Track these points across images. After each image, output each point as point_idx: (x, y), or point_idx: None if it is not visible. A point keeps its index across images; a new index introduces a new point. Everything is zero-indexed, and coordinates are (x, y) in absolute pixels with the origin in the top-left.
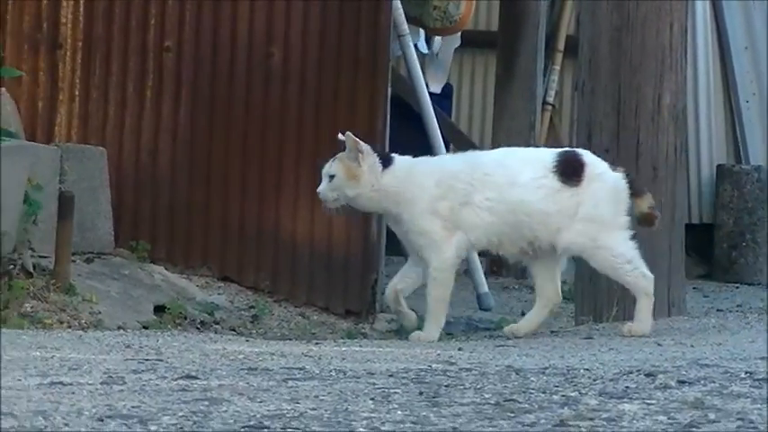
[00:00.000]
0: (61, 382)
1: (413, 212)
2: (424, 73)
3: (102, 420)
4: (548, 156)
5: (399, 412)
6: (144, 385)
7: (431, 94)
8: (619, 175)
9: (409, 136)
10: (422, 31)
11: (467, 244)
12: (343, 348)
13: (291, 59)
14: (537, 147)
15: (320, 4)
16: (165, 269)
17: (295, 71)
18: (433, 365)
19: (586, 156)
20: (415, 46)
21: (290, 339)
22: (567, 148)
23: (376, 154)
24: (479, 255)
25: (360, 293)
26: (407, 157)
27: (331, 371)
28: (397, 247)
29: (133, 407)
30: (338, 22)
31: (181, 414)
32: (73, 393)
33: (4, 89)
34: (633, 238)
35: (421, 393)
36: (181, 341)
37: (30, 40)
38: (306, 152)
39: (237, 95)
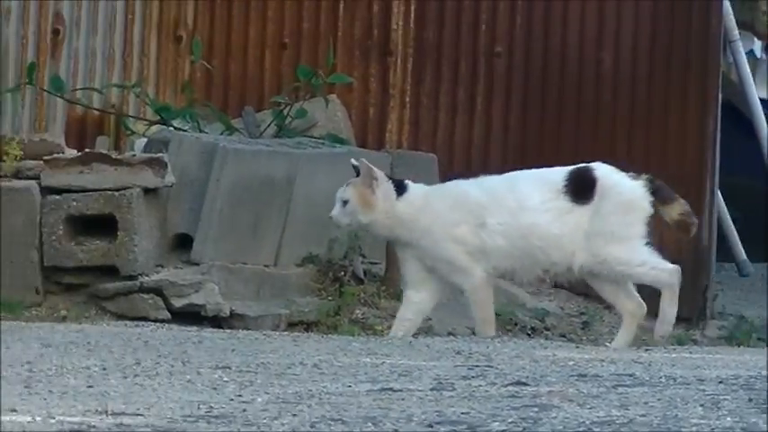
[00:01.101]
0: (391, 389)
1: (432, 240)
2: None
3: (431, 426)
4: (558, 176)
5: (729, 419)
6: (473, 391)
7: (762, 100)
8: (636, 184)
9: (739, 142)
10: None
11: (488, 272)
12: (674, 355)
13: (622, 61)
14: None
15: (651, 4)
16: None
17: (626, 73)
18: (763, 372)
19: (599, 169)
20: (751, 51)
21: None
22: (579, 165)
23: (390, 181)
24: None
25: (691, 300)
26: (421, 185)
27: (661, 377)
28: (727, 254)
29: (462, 413)
30: (669, 23)
31: (510, 420)
32: (402, 399)
33: (335, 96)
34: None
35: (750, 400)
36: (511, 347)
37: (360, 47)
38: (637, 156)
39: (568, 100)
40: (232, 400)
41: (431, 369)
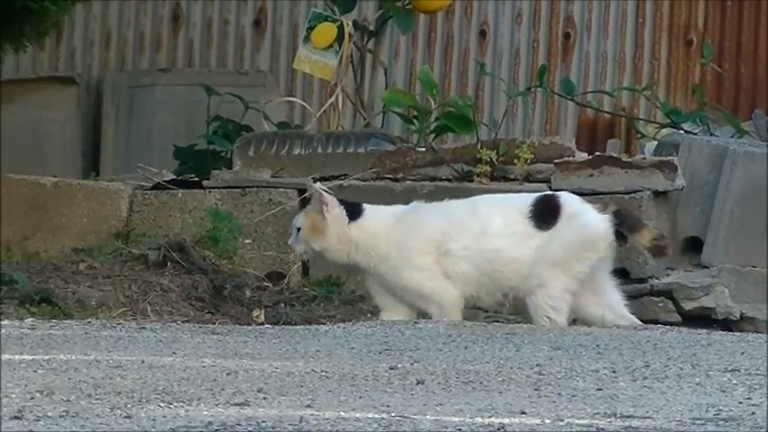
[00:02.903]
0: None
1: (390, 267)
2: None
3: None
4: (524, 201)
5: None
6: None
7: None
8: (600, 218)
9: None
10: None
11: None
12: None
13: None
14: None
15: None
16: None
17: None
18: None
19: (563, 197)
20: None
21: None
22: (546, 192)
23: (342, 206)
24: None
25: None
26: (379, 208)
27: None
28: None
29: None
30: None
31: None
32: None
33: None
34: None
35: None
36: None
37: None
38: None
39: None
40: (741, 403)
41: None
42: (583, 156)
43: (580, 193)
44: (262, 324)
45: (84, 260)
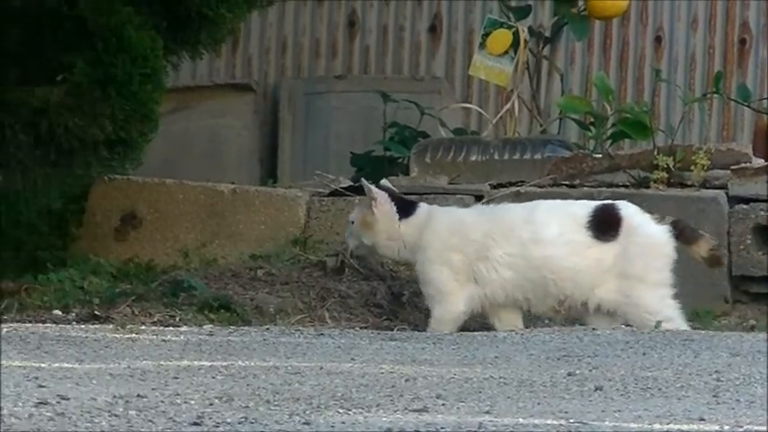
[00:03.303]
0: None
1: (422, 259)
2: None
3: None
4: (581, 210)
5: None
6: None
7: None
8: (661, 228)
9: None
10: None
11: (480, 298)
12: None
13: None
14: None
15: None
16: None
17: None
18: None
19: (625, 208)
20: None
21: None
22: (605, 201)
23: (393, 202)
24: None
25: None
26: (434, 207)
27: None
28: None
29: None
30: None
31: None
32: None
33: None
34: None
35: None
36: None
37: None
38: None
39: None
40: None
41: None
42: (759, 162)
43: (756, 200)
44: None
45: (262, 267)
